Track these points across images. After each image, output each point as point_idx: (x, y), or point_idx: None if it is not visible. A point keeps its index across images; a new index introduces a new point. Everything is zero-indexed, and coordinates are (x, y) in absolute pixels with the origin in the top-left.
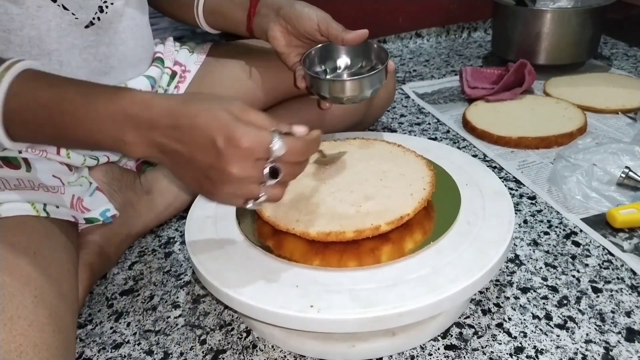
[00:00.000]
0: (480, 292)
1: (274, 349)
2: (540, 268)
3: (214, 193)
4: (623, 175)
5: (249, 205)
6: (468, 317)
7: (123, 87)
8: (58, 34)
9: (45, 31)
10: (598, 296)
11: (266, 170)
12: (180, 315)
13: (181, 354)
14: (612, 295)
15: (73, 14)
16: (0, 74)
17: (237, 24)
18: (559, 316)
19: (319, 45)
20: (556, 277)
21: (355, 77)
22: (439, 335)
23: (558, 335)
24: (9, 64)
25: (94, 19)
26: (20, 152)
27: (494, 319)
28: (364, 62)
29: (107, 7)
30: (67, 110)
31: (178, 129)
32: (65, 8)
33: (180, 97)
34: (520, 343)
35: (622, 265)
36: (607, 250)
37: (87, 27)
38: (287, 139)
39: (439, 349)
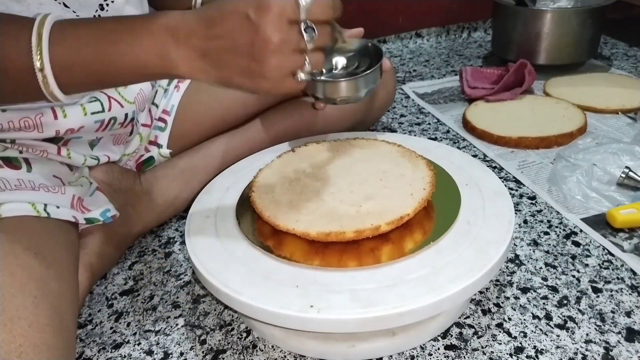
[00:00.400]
0: (480, 292)
1: (274, 349)
2: (540, 268)
3: (264, 73)
4: (623, 175)
5: (300, 76)
6: (468, 317)
7: (154, 12)
8: None
9: None
10: (598, 296)
11: (302, 27)
12: (180, 315)
13: (181, 354)
14: (612, 295)
15: (74, 11)
16: (39, 27)
17: None
18: (559, 316)
19: None
20: (556, 277)
21: (349, 78)
22: (439, 335)
23: (558, 335)
24: (41, 17)
25: (94, 16)
26: (20, 152)
27: (494, 319)
28: (360, 62)
29: (107, 4)
30: (111, 41)
31: (212, 26)
32: (66, 5)
33: (207, 5)
34: (520, 343)
35: (622, 265)
36: (607, 250)
37: None
38: None
39: (439, 349)
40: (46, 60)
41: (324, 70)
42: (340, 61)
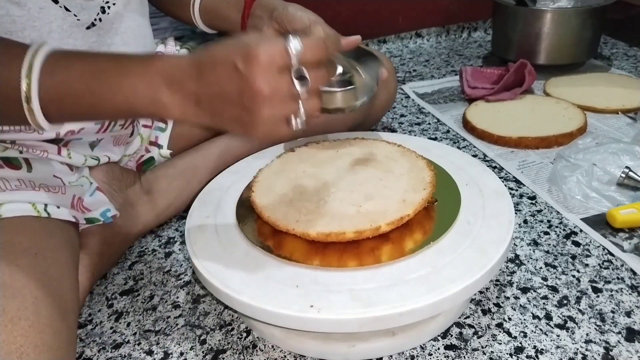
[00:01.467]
0: (480, 292)
1: (274, 349)
2: (540, 268)
3: (256, 123)
4: (623, 175)
5: (294, 124)
6: (468, 317)
7: (152, 53)
8: (60, 35)
9: (47, 33)
10: (598, 296)
11: (294, 76)
12: (180, 315)
13: (181, 354)
14: (612, 295)
15: (75, 15)
16: (31, 57)
17: (232, 25)
18: (559, 316)
19: None
20: (556, 277)
21: (345, 88)
22: (439, 335)
23: (558, 335)
24: (37, 46)
25: (95, 20)
26: (21, 152)
27: (494, 319)
28: (356, 69)
29: (109, 7)
30: (103, 79)
31: (203, 72)
32: (67, 9)
33: (203, 48)
34: (520, 343)
35: (622, 265)
36: (607, 250)
37: (88, 28)
38: (304, 37)
39: (439, 349)
40: (34, 93)
41: None
42: (335, 68)
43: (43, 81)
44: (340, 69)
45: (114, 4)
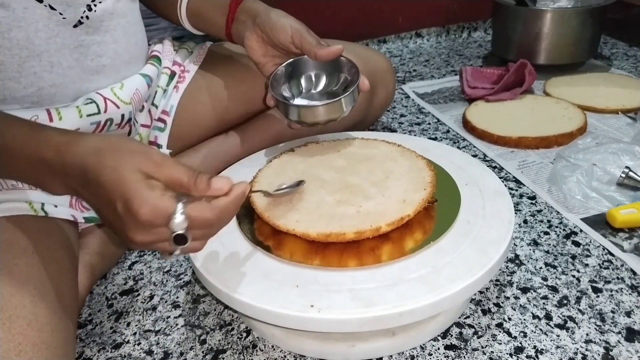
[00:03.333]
0: (480, 292)
1: (274, 349)
2: (540, 268)
3: (128, 244)
4: (623, 175)
5: (167, 259)
6: (468, 317)
7: (44, 127)
8: (47, 34)
9: (34, 32)
10: (598, 296)
11: (172, 234)
12: (180, 315)
13: (181, 354)
14: (612, 295)
15: (60, 13)
16: None
17: (217, 29)
18: (559, 316)
19: (288, 61)
20: (556, 277)
21: (321, 103)
22: (439, 335)
23: (558, 335)
24: None
25: (82, 18)
26: None
27: (494, 319)
28: (337, 79)
29: (95, 5)
30: None
31: (87, 182)
32: (52, 8)
33: (96, 146)
34: (520, 343)
35: (622, 265)
36: (607, 250)
37: (75, 26)
38: (195, 207)
39: (439, 349)
40: None
41: (302, 90)
42: (314, 77)
43: None
44: (322, 77)
45: (100, 2)
